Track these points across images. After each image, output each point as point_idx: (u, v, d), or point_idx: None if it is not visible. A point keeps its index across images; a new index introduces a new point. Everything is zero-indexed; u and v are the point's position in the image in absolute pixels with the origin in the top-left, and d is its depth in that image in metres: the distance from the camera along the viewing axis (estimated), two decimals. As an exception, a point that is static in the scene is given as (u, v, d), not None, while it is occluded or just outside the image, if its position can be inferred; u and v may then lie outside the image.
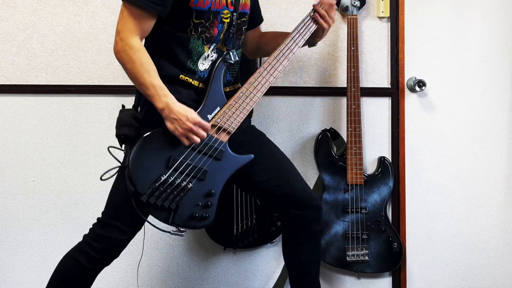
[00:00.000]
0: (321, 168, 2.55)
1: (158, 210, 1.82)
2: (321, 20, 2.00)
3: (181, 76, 1.89)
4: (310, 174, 2.62)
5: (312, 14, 2.01)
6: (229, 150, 1.92)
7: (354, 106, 2.49)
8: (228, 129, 1.91)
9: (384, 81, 2.66)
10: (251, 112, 1.99)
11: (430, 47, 2.66)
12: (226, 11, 1.90)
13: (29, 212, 2.59)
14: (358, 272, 2.63)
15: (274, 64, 1.97)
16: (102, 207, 1.97)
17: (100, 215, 1.97)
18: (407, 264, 2.70)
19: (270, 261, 2.68)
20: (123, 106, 1.94)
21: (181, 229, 1.87)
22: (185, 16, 1.85)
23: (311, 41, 2.08)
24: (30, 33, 2.53)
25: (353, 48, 2.47)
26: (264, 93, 1.97)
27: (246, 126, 2.11)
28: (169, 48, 1.88)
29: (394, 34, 2.62)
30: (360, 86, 2.50)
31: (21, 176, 2.58)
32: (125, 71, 1.82)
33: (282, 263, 2.64)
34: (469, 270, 2.75)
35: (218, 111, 1.90)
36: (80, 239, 1.98)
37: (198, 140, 1.82)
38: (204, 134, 1.83)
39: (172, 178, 1.82)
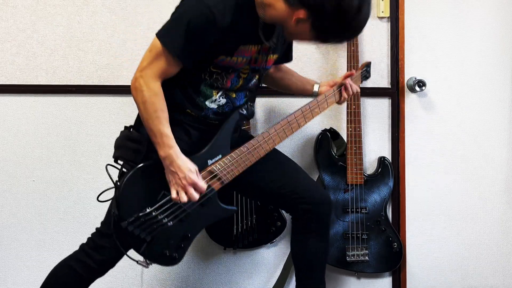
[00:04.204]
0: (321, 168, 2.55)
1: (133, 238, 1.83)
2: (344, 94, 2.12)
3: (187, 110, 1.89)
4: (310, 174, 2.60)
5: (339, 87, 2.11)
6: (217, 199, 1.92)
7: (354, 106, 2.49)
8: (223, 179, 1.91)
9: (384, 81, 2.66)
10: (252, 113, 1.99)
11: (430, 47, 2.66)
12: (246, 68, 1.90)
13: (29, 212, 2.59)
14: (358, 272, 2.63)
15: (290, 126, 1.98)
16: (102, 207, 1.96)
17: (99, 215, 1.97)
18: (407, 264, 2.70)
19: (270, 261, 2.68)
20: (124, 127, 1.93)
21: (148, 262, 1.89)
22: (205, 63, 1.84)
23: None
24: (30, 33, 2.53)
25: (353, 48, 2.47)
26: (268, 151, 1.96)
27: (244, 132, 2.12)
28: (183, 82, 1.87)
29: (394, 34, 2.62)
30: (360, 86, 2.50)
31: (21, 176, 2.58)
32: (138, 108, 1.81)
33: (282, 263, 2.65)
34: (469, 270, 2.75)
35: (219, 159, 1.90)
36: (79, 239, 1.98)
37: (186, 199, 1.82)
38: (196, 197, 1.83)
39: (156, 213, 1.83)
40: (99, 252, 1.92)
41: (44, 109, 2.56)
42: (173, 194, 1.82)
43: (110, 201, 1.91)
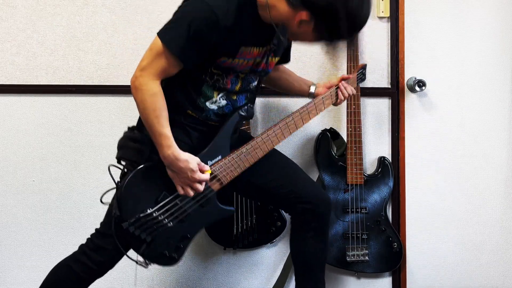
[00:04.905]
0: (321, 168, 2.55)
1: (133, 238, 1.84)
2: (341, 96, 2.15)
3: (188, 111, 1.89)
4: (310, 174, 2.60)
5: (336, 89, 2.13)
6: (216, 200, 1.94)
7: (354, 106, 2.49)
8: (222, 180, 1.92)
9: (384, 81, 2.66)
10: (252, 114, 1.99)
11: (430, 47, 2.66)
12: (247, 70, 1.90)
13: (29, 212, 2.59)
14: (358, 272, 2.63)
15: (288, 127, 2.00)
16: (102, 207, 1.96)
17: (99, 215, 1.97)
18: (407, 264, 2.70)
19: (270, 261, 2.68)
20: (127, 127, 1.93)
21: (147, 262, 1.90)
22: (207, 64, 1.84)
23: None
24: (30, 33, 2.53)
25: (353, 48, 2.47)
26: (266, 153, 1.98)
27: (244, 133, 2.12)
28: (184, 83, 1.87)
29: (394, 34, 2.62)
30: (360, 86, 2.50)
31: (21, 176, 2.58)
32: (137, 107, 1.81)
33: (282, 263, 2.65)
34: (469, 270, 2.75)
35: (218, 160, 1.90)
36: (79, 239, 1.98)
37: (192, 194, 1.85)
38: (201, 188, 1.85)
39: (157, 213, 1.84)
40: (98, 253, 1.92)
41: (44, 109, 2.56)
42: (180, 191, 1.84)
43: (110, 202, 1.92)
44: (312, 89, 2.17)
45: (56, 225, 2.60)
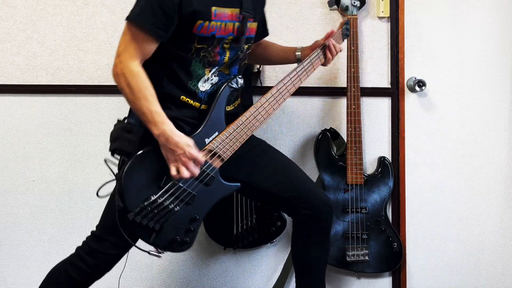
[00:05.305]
0: (321, 168, 2.55)
1: (141, 228, 1.80)
2: (329, 55, 2.10)
3: (182, 97, 1.87)
4: (310, 174, 2.59)
5: (323, 49, 2.09)
6: (220, 176, 1.91)
7: (354, 106, 2.49)
8: (223, 156, 1.90)
9: (384, 81, 2.66)
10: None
11: (430, 47, 2.66)
12: (230, 37, 1.89)
13: (29, 212, 2.59)
14: (358, 272, 2.63)
15: (281, 94, 1.99)
16: (101, 207, 1.96)
17: (100, 215, 1.97)
18: (407, 264, 2.70)
19: (270, 261, 2.68)
20: (118, 120, 1.91)
21: (160, 251, 1.86)
22: (187, 40, 1.83)
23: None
24: (30, 33, 2.53)
25: (353, 48, 2.47)
26: (263, 123, 1.97)
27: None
28: (171, 67, 1.86)
29: (394, 34, 2.62)
30: (360, 86, 2.50)
31: (21, 176, 2.58)
32: (123, 95, 1.80)
33: (282, 263, 2.65)
34: (469, 270, 2.75)
35: (215, 136, 1.89)
36: (79, 239, 1.98)
37: (188, 175, 1.79)
38: (197, 172, 1.82)
39: (161, 199, 1.81)
40: (93, 257, 1.91)
41: (44, 109, 2.56)
42: (173, 172, 1.79)
43: (105, 204, 1.90)
44: (298, 54, 2.13)
45: (56, 225, 2.60)
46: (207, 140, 1.87)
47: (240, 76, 1.96)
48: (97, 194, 1.87)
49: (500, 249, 2.76)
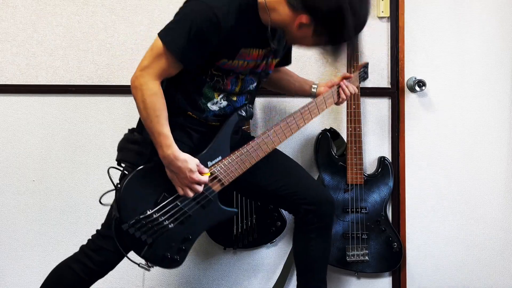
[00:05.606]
0: (321, 168, 2.55)
1: (134, 240, 1.82)
2: (343, 95, 2.13)
3: (188, 112, 1.89)
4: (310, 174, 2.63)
5: (338, 89, 2.12)
6: (218, 200, 1.93)
7: (354, 106, 2.49)
8: (223, 181, 1.91)
9: (384, 81, 2.66)
10: (251, 114, 2.00)
11: (430, 47, 2.66)
12: (247, 71, 1.90)
13: (29, 212, 2.59)
14: (358, 272, 2.63)
15: (289, 127, 1.99)
16: (102, 208, 1.96)
17: (100, 216, 1.97)
18: (407, 264, 2.70)
19: (270, 261, 2.68)
20: (128, 130, 1.93)
21: (149, 264, 1.88)
22: (207, 66, 1.84)
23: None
24: (30, 33, 2.53)
25: (353, 48, 2.47)
26: (267, 153, 1.97)
27: (245, 133, 2.11)
28: (184, 84, 1.87)
29: (394, 34, 2.62)
30: (360, 86, 2.50)
31: (21, 176, 2.58)
32: (137, 107, 1.81)
33: (282, 263, 2.65)
34: (469, 270, 2.75)
35: (219, 161, 1.90)
36: (80, 239, 1.98)
37: (192, 194, 1.84)
38: (200, 189, 1.85)
39: (157, 215, 1.82)
40: (98, 254, 1.92)
41: (44, 109, 2.56)
42: (180, 192, 1.84)
43: (111, 204, 1.91)
44: (314, 89, 2.17)
45: (56, 225, 2.60)
46: (209, 163, 1.89)
47: (250, 106, 1.98)
48: (100, 202, 1.88)
49: (500, 249, 2.76)
